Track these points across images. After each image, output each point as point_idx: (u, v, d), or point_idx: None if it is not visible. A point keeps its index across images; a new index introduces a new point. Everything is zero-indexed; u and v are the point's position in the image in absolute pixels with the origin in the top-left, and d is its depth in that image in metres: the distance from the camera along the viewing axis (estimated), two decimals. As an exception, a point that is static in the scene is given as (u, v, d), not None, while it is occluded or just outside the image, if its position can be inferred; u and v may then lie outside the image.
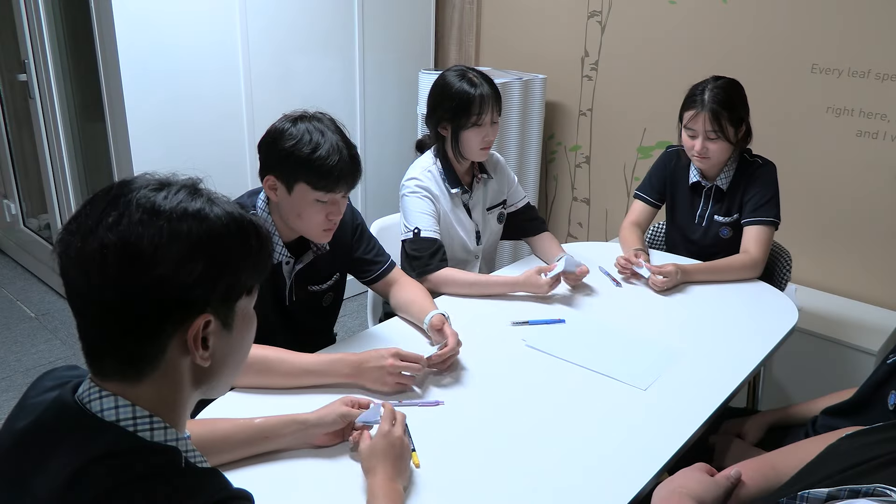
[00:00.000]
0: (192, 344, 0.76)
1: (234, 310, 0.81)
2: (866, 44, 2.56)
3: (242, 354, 0.87)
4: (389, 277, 1.85)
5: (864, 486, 0.82)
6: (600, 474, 1.27)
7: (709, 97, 2.05)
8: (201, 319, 0.76)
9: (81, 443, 0.74)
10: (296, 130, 1.51)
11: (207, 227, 0.75)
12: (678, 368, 1.63)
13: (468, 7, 3.64)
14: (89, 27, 2.71)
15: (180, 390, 0.80)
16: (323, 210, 1.55)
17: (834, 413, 1.53)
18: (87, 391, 0.78)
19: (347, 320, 3.43)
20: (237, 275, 0.78)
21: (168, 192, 0.76)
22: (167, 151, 2.78)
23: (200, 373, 0.81)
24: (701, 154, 2.09)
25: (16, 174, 3.87)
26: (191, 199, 0.77)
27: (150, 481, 0.72)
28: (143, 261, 0.72)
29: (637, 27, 3.16)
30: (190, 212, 0.75)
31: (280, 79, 3.07)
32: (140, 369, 0.77)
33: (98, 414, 0.76)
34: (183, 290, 0.74)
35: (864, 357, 2.46)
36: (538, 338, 1.73)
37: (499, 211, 2.26)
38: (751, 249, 2.12)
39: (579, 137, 3.52)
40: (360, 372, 1.45)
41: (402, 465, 1.17)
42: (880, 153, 2.61)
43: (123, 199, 0.74)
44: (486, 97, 1.98)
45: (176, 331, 0.76)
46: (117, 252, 0.71)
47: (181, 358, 0.78)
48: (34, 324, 3.36)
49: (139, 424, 0.76)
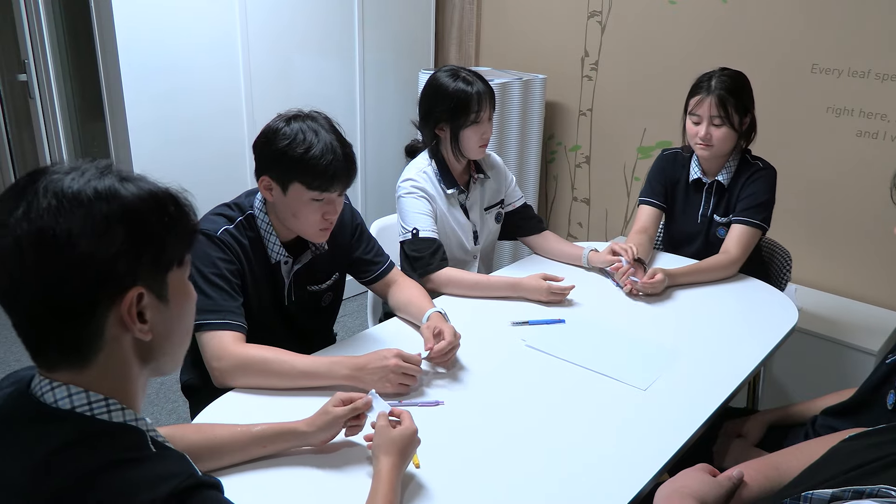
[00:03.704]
0: (127, 318, 0.76)
1: (166, 281, 0.80)
2: (866, 44, 2.56)
3: (185, 327, 0.87)
4: (388, 278, 1.85)
5: (867, 487, 0.82)
6: (600, 474, 1.27)
7: (716, 83, 2.06)
8: (133, 292, 0.76)
9: (41, 435, 0.74)
10: (289, 130, 1.49)
11: (120, 202, 0.75)
12: (678, 368, 1.63)
13: (468, 7, 3.64)
14: (89, 27, 2.71)
15: (128, 369, 0.80)
16: (319, 209, 1.55)
17: (833, 413, 1.53)
18: (38, 385, 0.78)
19: (347, 320, 3.43)
20: (161, 246, 0.78)
21: (76, 174, 0.76)
22: (167, 151, 2.78)
23: (145, 349, 0.81)
24: (705, 141, 2.08)
25: (16, 174, 3.86)
26: (100, 178, 0.76)
27: (121, 467, 0.72)
28: (60, 246, 0.71)
29: (637, 27, 3.16)
30: (100, 189, 0.75)
31: (280, 79, 3.07)
32: (84, 354, 0.77)
33: (52, 405, 0.76)
34: (106, 267, 0.73)
35: (864, 357, 2.46)
36: (538, 338, 1.73)
37: (496, 211, 2.26)
38: (731, 249, 2.10)
39: (579, 137, 3.52)
40: (362, 373, 1.45)
41: (409, 459, 1.21)
42: (880, 153, 2.61)
43: (31, 189, 0.74)
44: (483, 94, 2.01)
45: (110, 309, 0.75)
46: (32, 242, 0.71)
47: (122, 336, 0.78)
48: (34, 324, 3.35)
49: (96, 408, 0.76)
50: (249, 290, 1.60)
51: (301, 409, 1.30)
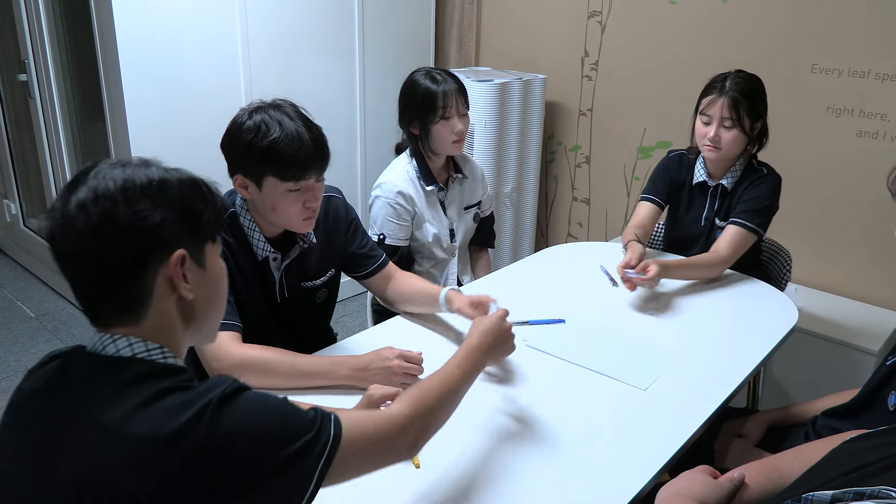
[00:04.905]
0: (174, 274, 0.88)
1: (204, 251, 0.94)
2: (866, 44, 2.56)
3: (220, 298, 0.99)
4: (385, 271, 1.84)
5: (868, 489, 0.82)
6: (600, 474, 1.27)
7: (730, 84, 2.03)
8: (178, 254, 0.88)
9: (110, 375, 0.85)
10: (252, 123, 1.46)
11: (165, 181, 0.89)
12: (678, 368, 1.63)
13: (468, 7, 3.64)
14: (89, 27, 2.71)
15: (174, 326, 0.92)
16: (298, 199, 1.51)
17: (834, 414, 1.53)
18: (99, 340, 0.88)
19: (347, 320, 3.43)
20: (198, 218, 0.91)
21: (126, 165, 0.90)
22: (167, 151, 2.74)
23: (187, 310, 0.93)
24: (713, 143, 2.05)
25: (16, 174, 3.86)
26: (146, 165, 0.91)
27: (174, 392, 0.84)
28: (117, 216, 0.84)
29: (637, 27, 3.16)
30: (148, 171, 0.90)
31: (280, 79, 3.07)
32: (136, 312, 0.88)
33: (115, 354, 0.87)
34: (154, 234, 0.86)
35: (864, 357, 2.46)
36: (538, 338, 1.73)
37: (474, 211, 2.33)
38: (721, 250, 2.06)
39: (579, 137, 3.52)
40: (364, 374, 1.45)
41: (501, 349, 1.32)
42: (880, 153, 2.61)
43: (91, 172, 0.88)
44: (449, 92, 2.06)
45: (157, 271, 0.87)
46: (94, 214, 0.84)
47: (169, 296, 0.90)
48: (34, 324, 3.36)
49: (153, 354, 0.88)
50: (239, 288, 1.58)
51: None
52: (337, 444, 0.90)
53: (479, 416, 1.43)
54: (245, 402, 0.86)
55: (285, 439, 0.86)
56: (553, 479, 1.25)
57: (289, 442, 0.86)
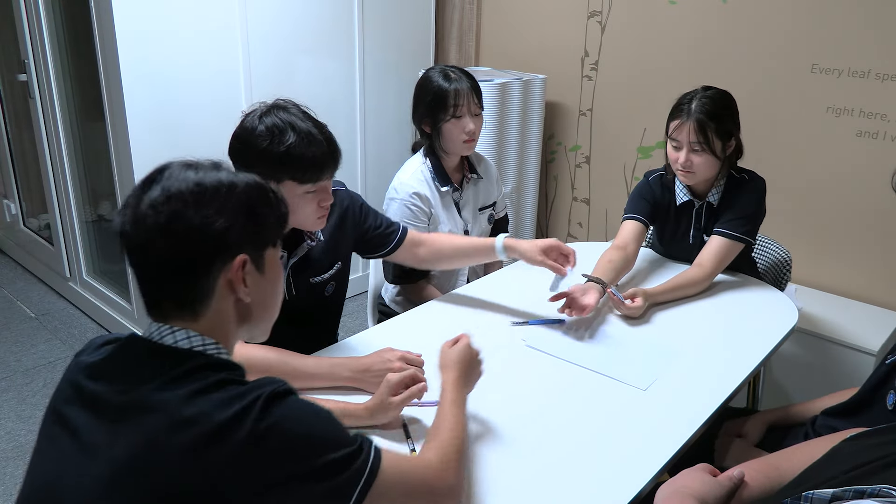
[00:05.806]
0: (235, 278, 0.92)
1: (265, 256, 0.96)
2: (866, 44, 2.56)
3: (275, 301, 1.03)
4: (410, 239, 1.85)
5: (868, 487, 0.82)
6: (600, 474, 1.27)
7: (696, 107, 1.92)
8: (240, 259, 0.91)
9: (167, 365, 0.88)
10: (264, 128, 1.46)
11: (235, 186, 0.92)
12: (678, 368, 1.63)
13: (468, 7, 3.64)
14: (89, 27, 2.71)
15: (229, 325, 0.96)
16: (314, 199, 1.53)
17: (834, 413, 1.54)
18: (158, 330, 0.91)
19: (347, 320, 3.43)
20: (263, 223, 0.95)
21: (198, 168, 0.93)
22: (167, 151, 2.74)
23: (244, 311, 0.96)
24: (685, 168, 1.97)
25: (16, 174, 3.86)
26: (217, 169, 0.94)
27: (229, 384, 0.88)
28: (187, 213, 0.88)
29: (637, 27, 3.16)
30: (219, 174, 0.93)
31: (280, 78, 3.07)
32: (195, 310, 0.92)
33: (172, 345, 0.90)
34: (221, 237, 0.89)
35: (864, 357, 2.46)
36: (538, 338, 1.73)
37: (489, 212, 2.30)
38: (705, 263, 1.99)
39: (579, 137, 3.52)
40: (366, 376, 1.45)
41: (472, 375, 1.32)
42: (880, 153, 2.61)
43: (165, 172, 0.91)
44: (462, 90, 2.03)
45: (220, 272, 0.91)
46: (166, 212, 0.87)
47: (227, 296, 0.93)
48: (34, 324, 3.36)
49: (209, 348, 0.92)
50: None
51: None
52: (378, 464, 0.94)
53: (478, 417, 1.43)
54: (293, 403, 0.90)
55: (328, 445, 0.89)
56: (553, 479, 1.25)
57: (331, 449, 0.89)
